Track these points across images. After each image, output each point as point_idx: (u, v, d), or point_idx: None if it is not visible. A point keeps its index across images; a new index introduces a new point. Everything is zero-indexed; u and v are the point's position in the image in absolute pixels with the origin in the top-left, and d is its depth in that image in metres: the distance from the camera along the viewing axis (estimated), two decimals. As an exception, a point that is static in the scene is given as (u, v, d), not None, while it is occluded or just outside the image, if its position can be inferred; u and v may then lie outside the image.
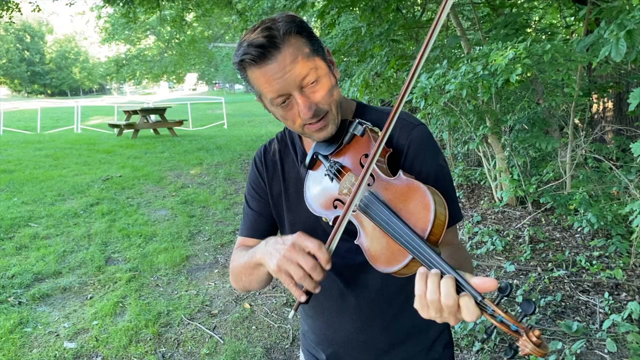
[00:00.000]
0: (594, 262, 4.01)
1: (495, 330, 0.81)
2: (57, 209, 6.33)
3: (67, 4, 10.95)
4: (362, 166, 1.06)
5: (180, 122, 14.50)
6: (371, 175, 1.03)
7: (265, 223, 1.35)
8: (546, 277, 3.89)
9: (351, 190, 1.04)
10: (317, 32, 11.61)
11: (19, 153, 10.59)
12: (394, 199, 0.97)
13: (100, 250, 4.94)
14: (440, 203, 0.91)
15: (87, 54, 73.64)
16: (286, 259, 1.00)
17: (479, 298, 0.79)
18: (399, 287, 1.25)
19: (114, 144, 12.19)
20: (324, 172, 1.15)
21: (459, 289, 0.82)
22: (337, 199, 1.10)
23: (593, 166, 5.00)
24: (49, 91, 68.74)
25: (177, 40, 21.68)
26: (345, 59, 7.86)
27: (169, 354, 3.25)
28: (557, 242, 4.54)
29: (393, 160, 1.10)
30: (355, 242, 1.03)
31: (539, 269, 4.07)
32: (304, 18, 9.87)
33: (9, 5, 9.89)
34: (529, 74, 4.05)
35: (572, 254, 4.23)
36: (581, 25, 5.29)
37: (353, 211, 1.03)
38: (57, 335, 3.45)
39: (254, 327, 3.58)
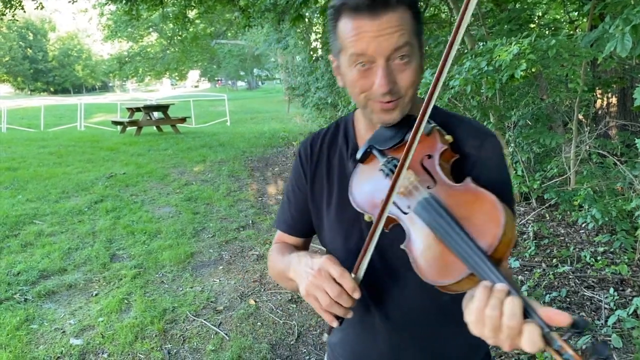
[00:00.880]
0: (598, 257, 4.00)
1: None
2: (61, 206, 6.35)
3: (69, 1, 10.94)
4: (424, 167, 0.99)
5: (183, 120, 14.51)
6: (432, 177, 0.97)
7: (302, 219, 1.28)
8: (551, 273, 3.89)
9: (408, 188, 0.97)
10: (319, 29, 11.61)
11: (23, 151, 10.62)
12: (458, 207, 0.90)
13: (105, 247, 4.96)
14: (510, 220, 0.83)
15: (90, 51, 73.64)
16: (313, 285, 0.97)
17: (546, 329, 0.71)
18: (438, 307, 1.13)
19: (118, 141, 12.20)
20: (377, 167, 1.06)
21: (525, 314, 0.74)
22: None
23: (597, 162, 4.98)
24: (52, 89, 68.77)
25: (179, 37, 21.64)
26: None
27: (175, 350, 3.26)
28: (562, 238, 4.54)
29: (458, 167, 1.02)
30: (402, 246, 0.95)
31: (543, 264, 4.07)
32: (307, 14, 9.87)
33: (12, 2, 9.89)
34: (533, 70, 4.04)
35: (577, 249, 4.23)
36: (585, 20, 5.27)
37: (405, 213, 0.97)
38: (63, 331, 3.47)
39: (259, 324, 3.59)
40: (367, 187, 1.08)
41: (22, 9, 10.26)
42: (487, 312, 0.76)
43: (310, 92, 12.32)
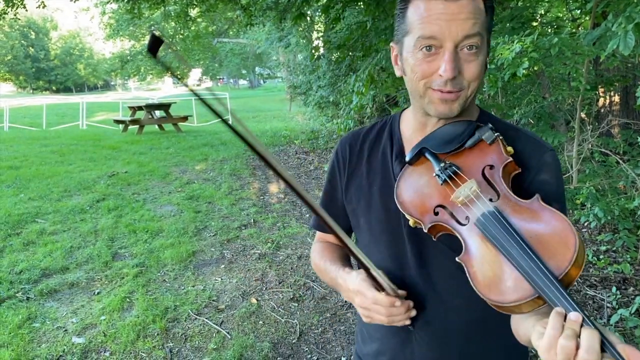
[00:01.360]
0: (601, 256, 4.00)
1: None
2: (63, 204, 6.36)
3: (71, 0, 10.93)
4: (485, 178, 0.94)
5: (185, 118, 14.51)
6: (494, 189, 0.92)
7: (338, 217, 1.23)
8: (553, 271, 3.87)
9: (470, 198, 0.91)
10: (321, 27, 11.59)
11: (25, 149, 10.63)
12: (526, 224, 0.84)
13: (107, 246, 4.96)
14: (582, 244, 0.78)
15: (92, 50, 73.71)
16: (366, 311, 1.00)
17: None
18: (480, 322, 1.10)
19: (119, 140, 12.21)
20: (430, 172, 1.00)
21: (601, 348, 0.69)
22: (441, 205, 0.96)
23: (599, 160, 4.97)
24: (54, 87, 68.86)
25: (181, 36, 21.65)
26: (350, 54, 7.84)
27: (177, 349, 3.26)
28: (564, 236, 4.52)
29: (517, 181, 0.97)
30: (458, 258, 0.90)
31: (545, 263, 4.06)
32: (308, 12, 9.85)
33: (14, 1, 9.88)
34: (535, 68, 4.03)
35: (579, 248, 4.22)
36: (587, 18, 5.25)
37: (462, 224, 0.92)
38: (66, 330, 3.47)
39: (260, 322, 3.59)
40: (417, 191, 1.02)
41: (24, 7, 10.26)
42: (562, 342, 0.71)
43: (312, 91, 12.28)
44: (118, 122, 14.97)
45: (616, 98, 6.03)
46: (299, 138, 12.28)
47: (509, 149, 0.96)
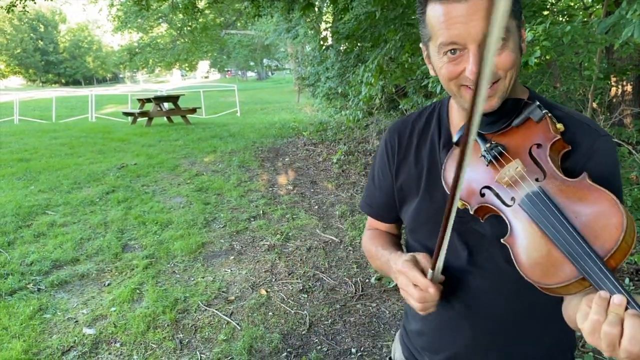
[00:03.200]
0: (613, 247, 3.96)
1: None
2: (73, 197, 6.39)
3: (79, -7, 10.93)
4: (532, 157, 0.91)
5: (193, 110, 14.51)
6: (541, 169, 0.89)
7: (388, 206, 1.26)
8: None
9: (514, 178, 0.90)
10: (329, 18, 11.53)
11: (35, 142, 10.68)
12: (571, 204, 0.83)
13: (116, 238, 4.98)
14: (631, 224, 0.76)
15: (100, 42, 73.98)
16: (403, 292, 1.01)
17: None
18: (526, 307, 1.08)
19: (128, 132, 12.24)
20: (477, 152, 0.99)
21: None
22: (487, 186, 0.95)
23: (612, 150, 4.91)
24: (63, 80, 69.21)
25: (189, 28, 21.63)
26: (359, 44, 7.80)
27: (187, 340, 3.27)
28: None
29: (568, 161, 0.95)
30: (503, 240, 0.90)
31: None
32: (316, 3, 9.80)
33: (23, -6, 9.90)
34: (547, 57, 3.97)
35: (591, 239, 4.18)
36: (599, 7, 5.18)
37: (508, 205, 0.90)
38: (76, 321, 3.49)
39: (270, 314, 3.59)
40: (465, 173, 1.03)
41: (33, 0, 10.28)
42: (605, 329, 0.70)
43: (320, 82, 12.26)
44: (127, 114, 15.00)
45: (629, 87, 5.95)
46: (307, 130, 12.25)
47: (559, 126, 0.94)
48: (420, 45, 1.06)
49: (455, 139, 1.05)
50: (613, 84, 5.93)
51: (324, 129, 12.05)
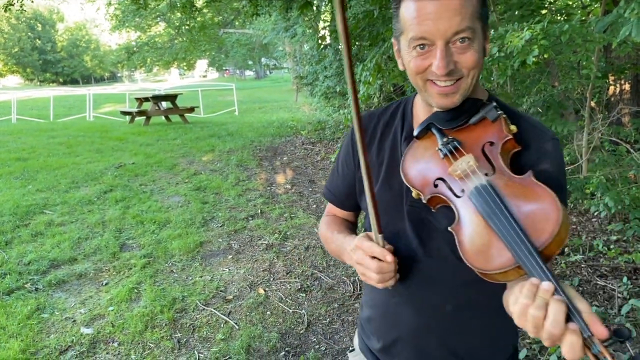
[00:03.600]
0: (611, 246, 3.96)
1: None
2: (71, 196, 6.37)
3: (77, -9, 10.91)
4: (484, 154, 0.99)
5: (191, 109, 14.49)
6: (491, 165, 0.96)
7: (349, 194, 1.32)
8: (563, 262, 3.85)
9: (466, 172, 0.96)
10: (327, 17, 11.52)
11: (33, 141, 10.66)
12: (515, 198, 0.89)
13: (114, 237, 4.97)
14: (566, 220, 0.83)
15: (98, 41, 73.83)
16: (359, 267, 1.05)
17: (588, 334, 0.72)
18: (471, 299, 1.15)
19: (126, 131, 12.22)
20: (435, 146, 1.06)
21: (568, 318, 0.75)
22: (440, 178, 1.02)
23: (610, 149, 4.91)
24: (60, 79, 69.08)
25: (187, 27, 21.56)
26: (357, 43, 7.78)
27: (185, 339, 3.26)
28: (574, 226, 4.49)
29: (517, 161, 1.02)
30: (450, 228, 0.96)
31: (555, 253, 4.03)
32: (315, 2, 9.78)
33: (20, -7, 9.87)
34: (546, 56, 3.98)
35: (589, 238, 4.19)
36: (597, 6, 5.18)
37: (458, 196, 0.97)
38: (74, 321, 3.48)
39: (268, 313, 3.58)
40: (420, 163, 1.07)
41: (30, -1, 10.26)
42: (531, 312, 0.77)
43: (318, 81, 12.23)
44: (125, 113, 14.98)
45: (627, 86, 5.96)
46: (305, 129, 12.25)
47: (512, 127, 1.00)
48: (392, 40, 1.12)
49: (416, 132, 1.10)
50: (611, 82, 5.93)
51: (322, 127, 12.05)
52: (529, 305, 0.77)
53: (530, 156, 1.03)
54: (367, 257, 1.02)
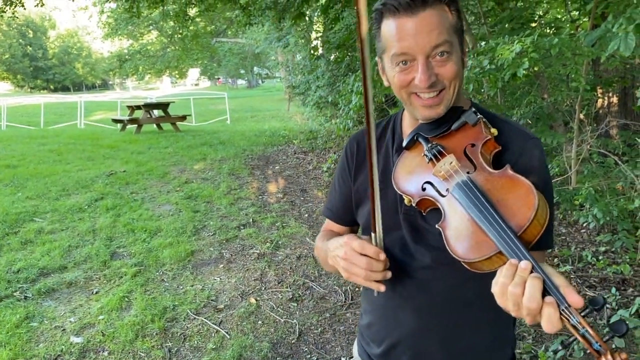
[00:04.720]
0: (600, 257, 4.00)
1: (572, 345, 0.76)
2: (61, 203, 6.34)
3: (70, -1, 10.92)
4: (466, 155, 1.05)
5: (183, 118, 14.48)
6: (472, 163, 1.02)
7: (346, 208, 1.36)
8: (552, 272, 3.87)
9: (449, 172, 1.02)
10: (320, 28, 11.59)
11: (23, 148, 10.60)
12: (494, 191, 0.95)
13: (105, 245, 4.95)
14: (543, 205, 0.88)
15: (90, 49, 73.59)
16: (347, 264, 1.06)
17: (565, 305, 0.76)
18: (469, 298, 1.17)
19: (118, 139, 12.18)
20: (421, 153, 1.12)
21: (545, 292, 0.79)
22: (427, 182, 1.07)
23: (598, 161, 4.97)
24: (51, 86, 68.69)
25: (179, 35, 21.60)
26: (349, 54, 7.84)
27: (175, 348, 3.25)
28: (563, 237, 4.53)
29: (499, 160, 1.06)
30: (437, 225, 1.00)
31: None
32: (307, 12, 9.85)
33: (12, 0, 9.85)
34: (536, 68, 4.03)
35: (578, 249, 4.22)
36: (586, 20, 5.26)
37: (443, 195, 1.02)
38: (64, 329, 3.46)
39: (260, 322, 3.58)
40: (410, 171, 1.14)
41: (23, 6, 10.23)
42: (510, 289, 0.81)
43: (310, 91, 12.26)
44: (116, 121, 14.94)
45: (615, 99, 6.04)
46: (297, 138, 12.27)
47: (493, 130, 1.06)
48: (376, 59, 1.19)
49: (404, 143, 1.17)
50: (599, 95, 6.00)
51: (314, 137, 12.08)
52: (508, 284, 0.82)
53: (512, 155, 1.08)
54: (355, 253, 1.04)
